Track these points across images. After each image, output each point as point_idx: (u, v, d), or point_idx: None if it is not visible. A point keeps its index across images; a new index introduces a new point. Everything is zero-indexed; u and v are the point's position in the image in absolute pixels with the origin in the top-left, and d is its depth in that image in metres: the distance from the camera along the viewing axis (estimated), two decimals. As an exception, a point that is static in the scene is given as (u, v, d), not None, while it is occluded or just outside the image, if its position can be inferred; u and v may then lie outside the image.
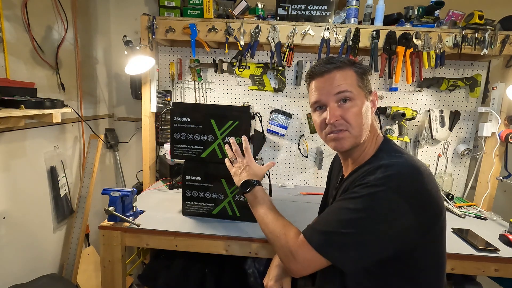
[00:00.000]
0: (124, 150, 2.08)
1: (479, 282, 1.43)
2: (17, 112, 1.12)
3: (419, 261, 0.75)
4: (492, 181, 1.65)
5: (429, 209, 0.71)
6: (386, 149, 0.84)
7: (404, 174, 0.72)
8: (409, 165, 0.74)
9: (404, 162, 0.75)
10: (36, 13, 1.42)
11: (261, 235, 1.21)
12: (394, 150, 0.83)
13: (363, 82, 0.84)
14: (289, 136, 1.91)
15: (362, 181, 0.75)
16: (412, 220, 0.70)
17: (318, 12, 1.58)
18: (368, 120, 0.84)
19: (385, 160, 0.77)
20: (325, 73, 0.83)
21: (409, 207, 0.69)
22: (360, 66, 0.85)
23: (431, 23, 1.60)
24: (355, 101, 0.81)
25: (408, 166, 0.73)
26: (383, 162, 0.75)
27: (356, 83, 0.82)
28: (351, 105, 0.81)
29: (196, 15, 1.61)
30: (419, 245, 0.73)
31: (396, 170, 0.72)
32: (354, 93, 0.81)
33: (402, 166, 0.73)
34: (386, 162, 0.75)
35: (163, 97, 1.83)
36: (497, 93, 1.62)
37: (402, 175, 0.72)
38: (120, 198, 1.22)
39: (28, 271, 1.46)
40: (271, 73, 1.83)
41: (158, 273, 1.47)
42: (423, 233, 0.72)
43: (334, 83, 0.82)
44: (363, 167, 0.82)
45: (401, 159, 0.77)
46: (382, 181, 0.71)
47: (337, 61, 0.84)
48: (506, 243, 1.25)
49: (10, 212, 1.35)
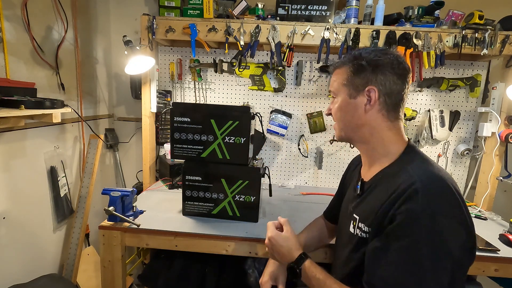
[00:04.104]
0: (124, 150, 2.08)
1: (479, 282, 1.43)
2: (17, 112, 1.12)
3: None
4: (492, 181, 1.65)
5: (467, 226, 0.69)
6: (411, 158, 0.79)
7: (444, 193, 0.69)
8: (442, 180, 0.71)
9: (434, 178, 0.72)
10: (36, 13, 1.42)
11: (261, 235, 1.21)
12: (419, 159, 0.78)
13: (351, 79, 0.82)
14: (289, 136, 1.91)
15: (400, 209, 0.69)
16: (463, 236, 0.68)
17: (318, 12, 1.58)
18: (354, 116, 0.83)
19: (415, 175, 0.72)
20: (332, 71, 0.94)
21: (456, 223, 0.67)
22: (359, 63, 0.81)
23: (431, 23, 1.60)
24: (337, 98, 0.88)
25: (443, 182, 0.71)
26: (415, 179, 0.71)
27: (342, 82, 0.85)
28: (335, 101, 0.89)
29: (196, 15, 1.61)
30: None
31: (437, 191, 0.69)
32: (337, 91, 0.88)
33: (440, 186, 0.70)
34: (420, 184, 0.70)
35: (163, 97, 1.83)
36: (497, 93, 1.62)
37: (443, 195, 0.69)
38: (120, 198, 1.22)
39: (28, 271, 1.46)
40: (271, 73, 1.83)
41: (158, 273, 1.47)
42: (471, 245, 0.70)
43: (331, 81, 0.92)
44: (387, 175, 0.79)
45: (431, 173, 0.73)
46: (425, 207, 0.67)
47: (340, 61, 0.90)
48: (506, 243, 1.25)
49: (10, 212, 1.35)
